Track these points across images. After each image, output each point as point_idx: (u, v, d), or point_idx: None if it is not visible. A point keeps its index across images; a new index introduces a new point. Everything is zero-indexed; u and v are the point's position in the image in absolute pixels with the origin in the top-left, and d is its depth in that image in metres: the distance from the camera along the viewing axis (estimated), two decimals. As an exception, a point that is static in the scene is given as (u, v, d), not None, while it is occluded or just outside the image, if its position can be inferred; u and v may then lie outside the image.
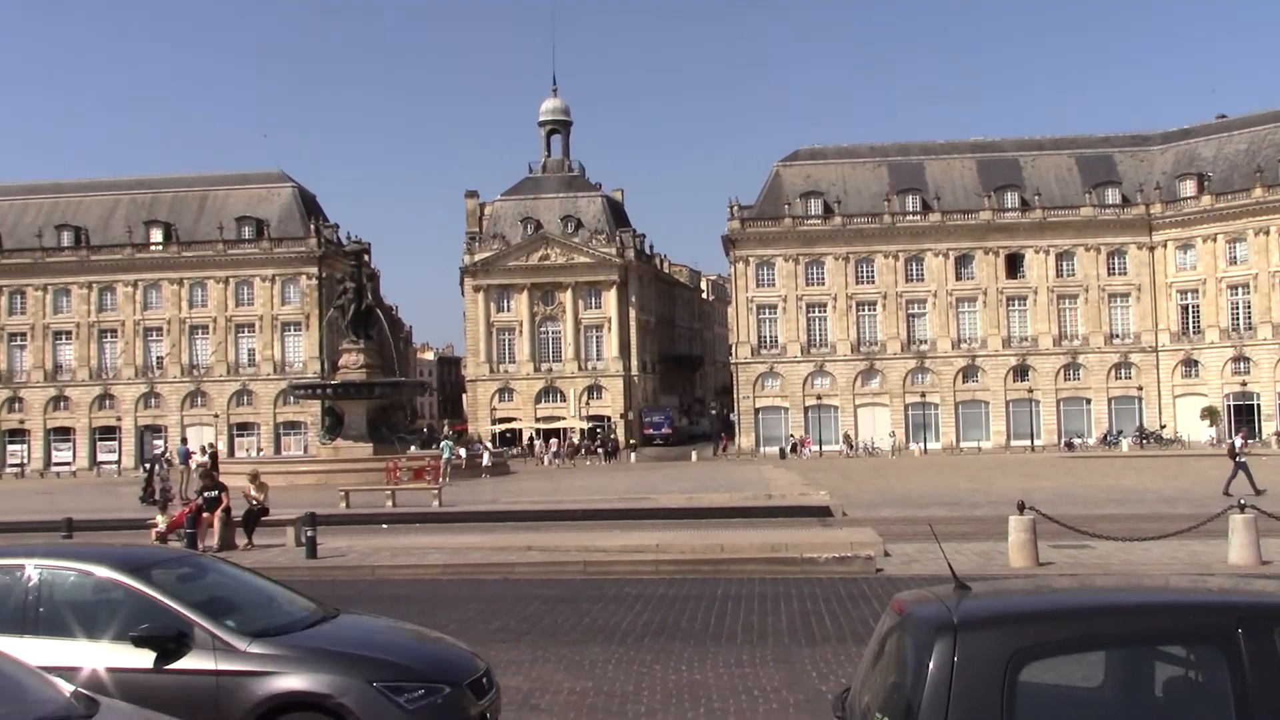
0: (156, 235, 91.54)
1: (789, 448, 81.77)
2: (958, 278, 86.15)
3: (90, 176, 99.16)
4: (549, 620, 14.91)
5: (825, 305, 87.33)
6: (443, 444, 59.36)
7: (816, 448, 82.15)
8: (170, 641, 7.41)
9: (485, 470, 54.04)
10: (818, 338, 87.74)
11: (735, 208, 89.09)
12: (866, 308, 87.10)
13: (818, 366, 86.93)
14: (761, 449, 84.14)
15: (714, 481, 46.63)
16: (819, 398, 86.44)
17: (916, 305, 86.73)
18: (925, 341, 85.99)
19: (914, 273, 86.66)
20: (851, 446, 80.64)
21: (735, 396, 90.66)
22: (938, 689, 4.49)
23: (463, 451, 57.91)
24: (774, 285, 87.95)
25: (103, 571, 8.02)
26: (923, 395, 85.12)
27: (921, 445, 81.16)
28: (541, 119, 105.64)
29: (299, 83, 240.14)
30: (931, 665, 4.54)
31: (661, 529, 25.03)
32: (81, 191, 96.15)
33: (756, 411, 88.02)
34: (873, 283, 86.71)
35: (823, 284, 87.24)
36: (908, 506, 31.97)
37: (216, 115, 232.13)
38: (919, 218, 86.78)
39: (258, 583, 9.14)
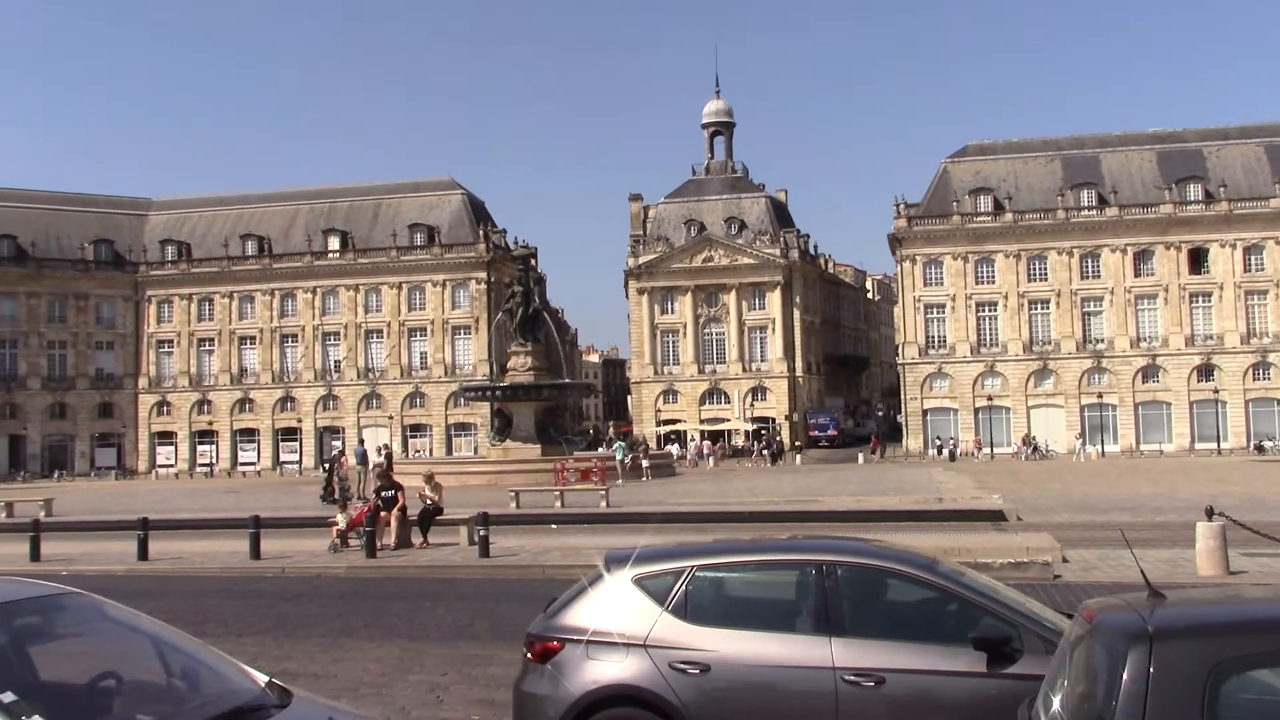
0: (334, 243, 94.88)
1: (958, 450, 79.94)
2: (1136, 274, 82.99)
3: (273, 188, 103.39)
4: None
5: (996, 304, 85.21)
6: (616, 445, 59.95)
7: (987, 450, 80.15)
8: (1004, 644, 6.93)
9: (646, 472, 54.28)
10: (988, 337, 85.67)
11: (901, 206, 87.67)
12: (1039, 306, 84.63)
13: (988, 367, 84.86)
14: (930, 451, 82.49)
15: (882, 484, 45.90)
16: (990, 399, 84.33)
17: (1092, 303, 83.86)
18: (1102, 340, 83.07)
19: (1090, 269, 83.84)
20: (1036, 450, 78.07)
21: (902, 398, 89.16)
22: (1132, 701, 4.32)
23: (643, 453, 58.47)
24: (942, 284, 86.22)
25: (910, 570, 7.57)
26: (1099, 396, 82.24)
27: (1099, 448, 78.35)
28: (704, 121, 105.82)
29: (468, 92, 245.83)
30: (1125, 676, 4.38)
31: (829, 531, 24.73)
32: (264, 202, 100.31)
33: (924, 413, 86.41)
34: (1045, 280, 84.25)
35: (993, 282, 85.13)
36: (1086, 511, 30.88)
37: (390, 126, 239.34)
38: (1095, 212, 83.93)
39: None
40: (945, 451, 79.53)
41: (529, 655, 7.62)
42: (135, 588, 18.57)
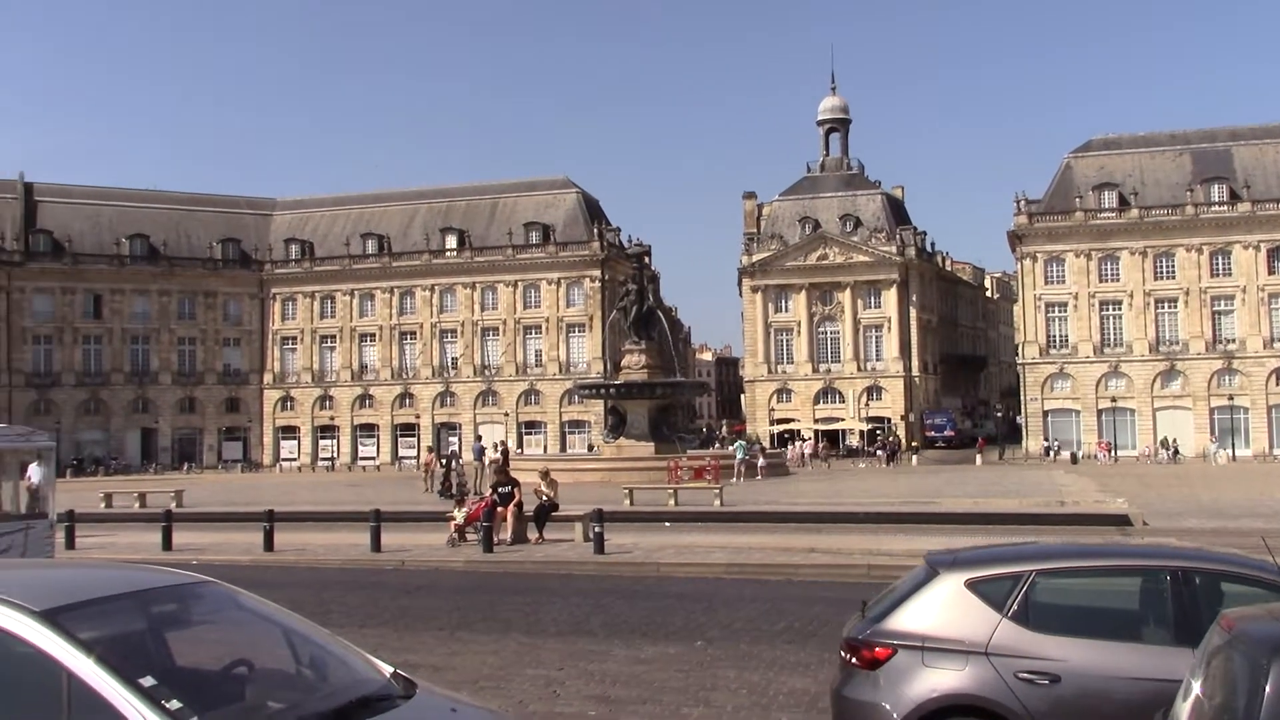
0: (451, 241, 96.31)
1: (1080, 452, 77.98)
2: (1270, 271, 79.99)
3: (392, 188, 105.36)
4: (834, 623, 14.63)
5: (1120, 302, 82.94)
6: (736, 444, 59.90)
7: (1111, 452, 78.06)
8: None
9: (761, 471, 54.00)
10: (1112, 337, 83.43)
11: (1022, 202, 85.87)
12: (1166, 305, 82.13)
13: (1112, 367, 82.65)
14: (1051, 453, 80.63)
15: (1001, 486, 45.03)
16: (1113, 400, 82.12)
17: (1223, 301, 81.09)
18: (1233, 340, 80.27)
19: (1220, 267, 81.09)
20: (1177, 452, 75.62)
21: (1022, 399, 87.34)
22: (1275, 715, 4.16)
23: (759, 452, 58.26)
24: (1064, 282, 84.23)
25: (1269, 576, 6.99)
26: (1230, 398, 79.47)
27: (1229, 451, 75.72)
28: (820, 118, 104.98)
29: (583, 91, 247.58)
30: (1268, 688, 4.20)
31: (947, 534, 24.38)
32: (384, 202, 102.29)
33: (1045, 414, 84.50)
34: (1173, 278, 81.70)
35: (1117, 280, 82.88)
36: (1217, 517, 29.84)
37: (506, 126, 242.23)
38: (1226, 208, 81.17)
39: None
40: (1067, 453, 77.68)
41: (852, 660, 7.32)
42: (261, 578, 19.06)
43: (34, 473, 18.49)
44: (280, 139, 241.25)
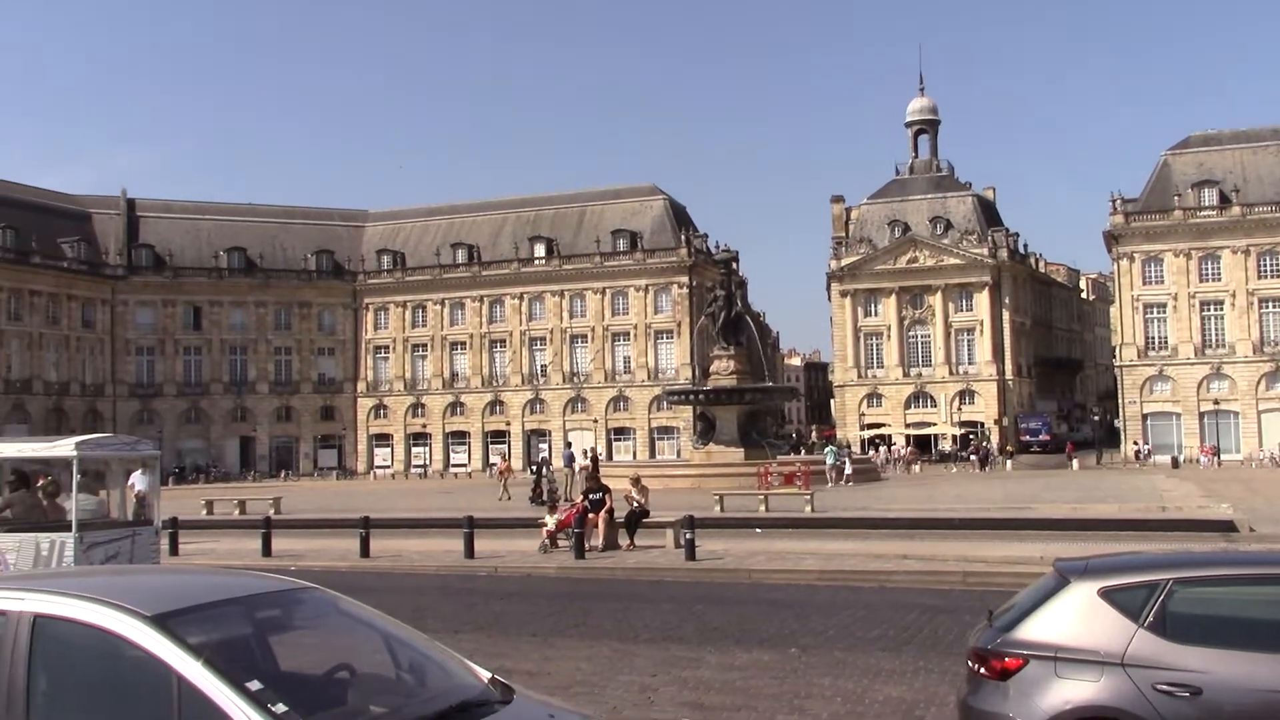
0: (540, 250, 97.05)
1: (1181, 456, 76.05)
2: (1379, 268, 77.51)
3: (481, 198, 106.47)
4: (929, 630, 14.55)
5: (1222, 302, 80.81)
6: (826, 450, 59.50)
7: (1215, 456, 76.00)
8: None
9: (847, 477, 53.51)
10: (1214, 338, 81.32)
11: (1118, 201, 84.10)
12: (1271, 304, 79.82)
13: (1214, 369, 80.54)
14: (1152, 457, 78.74)
15: (1099, 491, 44.09)
16: (1216, 403, 80.00)
17: (1332, 301, 78.74)
18: (1341, 340, 77.87)
19: (1328, 265, 78.79)
20: None
21: (1120, 402, 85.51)
22: None
23: (847, 459, 57.80)
24: (1162, 282, 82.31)
25: None
26: (1339, 400, 77.03)
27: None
28: (908, 120, 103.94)
29: (669, 98, 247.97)
30: None
31: (1044, 540, 23.94)
32: (473, 212, 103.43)
33: (1144, 417, 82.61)
34: (1278, 277, 79.42)
35: (1219, 279, 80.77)
36: (1327, 523, 28.90)
37: (593, 135, 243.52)
38: (1332, 204, 78.80)
39: None
40: (1164, 457, 75.83)
41: (981, 671, 7.18)
42: (358, 583, 19.36)
43: (140, 481, 18.99)
44: (372, 152, 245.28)
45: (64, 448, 15.35)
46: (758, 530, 29.35)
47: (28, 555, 14.84)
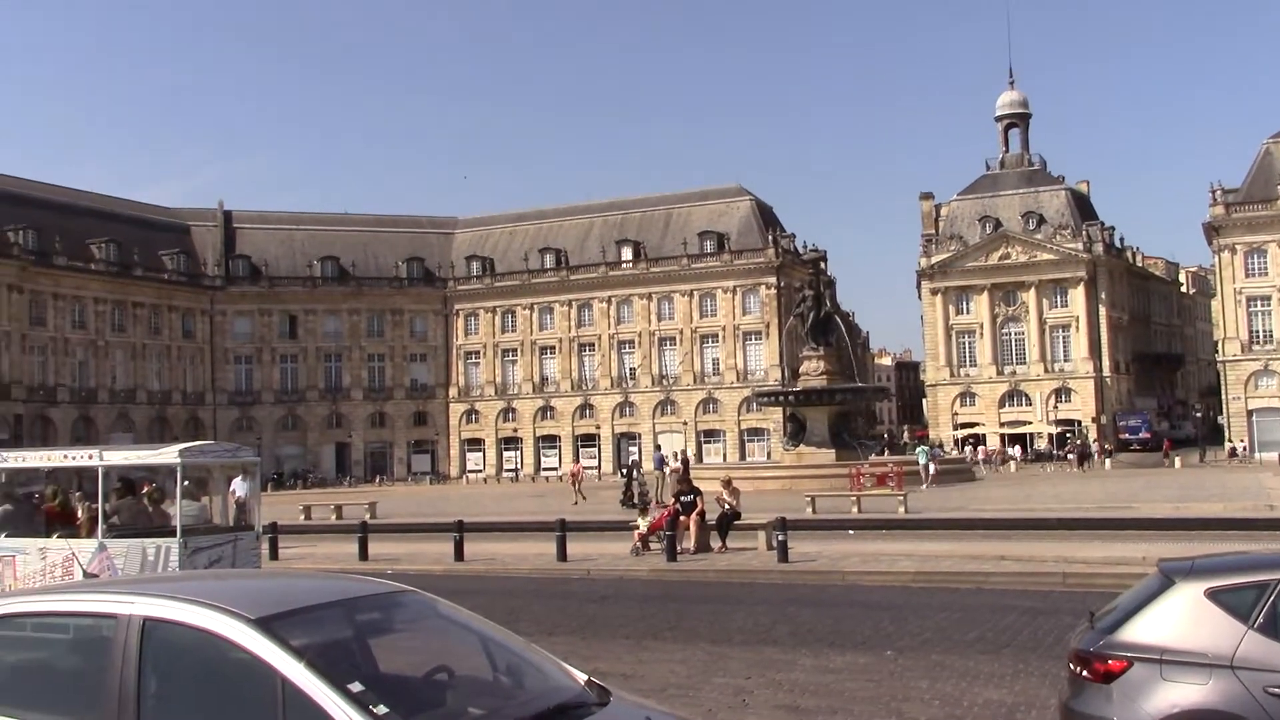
0: (627, 253, 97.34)
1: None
2: None
3: (568, 202, 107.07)
4: (1028, 632, 14.30)
5: (1329, 294, 78.43)
6: (918, 450, 58.84)
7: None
8: None
9: (933, 478, 52.65)
10: (1322, 330, 78.94)
11: (1218, 192, 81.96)
12: (1381, 295, 77.32)
13: (1325, 363, 78.15)
14: (1257, 455, 76.52)
15: (1202, 490, 42.98)
16: (1325, 398, 77.66)
17: None
18: None
19: None
20: None
21: (1223, 398, 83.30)
22: None
23: (931, 459, 56.98)
24: (1266, 274, 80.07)
25: None
26: None
27: None
28: (998, 114, 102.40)
29: (755, 97, 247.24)
30: None
31: (1146, 540, 23.40)
32: (561, 216, 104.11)
33: (1249, 414, 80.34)
34: (1388, 266, 76.96)
35: (1325, 270, 78.42)
36: None
37: (679, 137, 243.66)
38: None
39: None
40: (1275, 454, 73.56)
41: (1083, 673, 7.09)
42: (453, 586, 19.53)
43: (240, 487, 19.40)
44: (460, 158, 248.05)
45: (168, 455, 15.72)
46: (850, 532, 29.10)
47: (135, 560, 15.23)
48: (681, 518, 24.32)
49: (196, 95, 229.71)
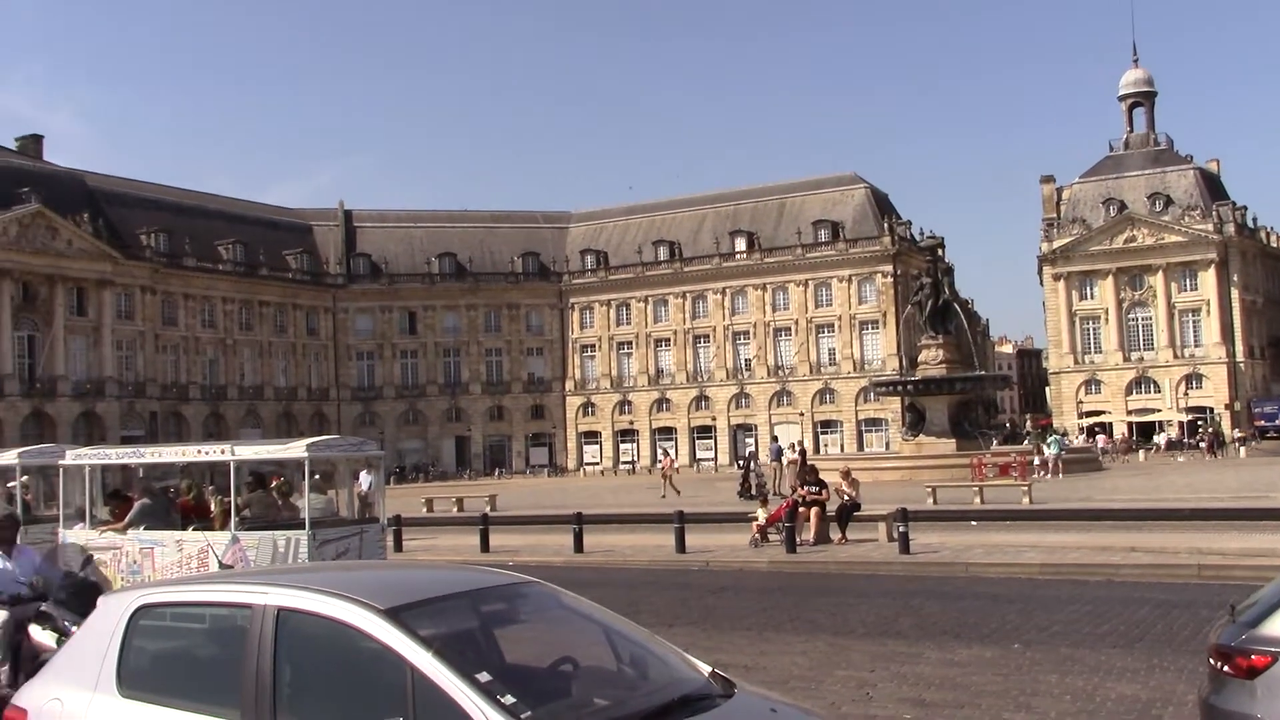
0: (741, 244, 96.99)
1: None
2: None
3: (681, 194, 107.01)
4: (1162, 626, 13.88)
5: None
6: (1051, 439, 57.91)
7: None
8: None
9: (1060, 468, 51.36)
10: None
11: (1358, 168, 78.57)
12: None
13: None
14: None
15: (1347, 478, 41.25)
16: None
17: None
18: None
19: None
20: None
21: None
22: None
23: (1066, 444, 55.90)
24: None
25: None
26: None
27: None
28: (1121, 93, 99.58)
29: (868, 81, 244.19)
30: None
31: (1286, 531, 22.53)
32: (674, 209, 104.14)
33: (1395, 399, 76.98)
34: None
35: None
36: None
37: (791, 125, 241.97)
38: None
39: None
40: None
41: (1224, 669, 6.87)
42: (573, 578, 19.68)
43: (366, 480, 19.82)
44: (573, 152, 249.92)
45: (296, 450, 16.11)
46: (973, 523, 28.54)
47: (266, 552, 15.65)
48: (801, 509, 24.16)
49: (315, 97, 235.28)
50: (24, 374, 76.46)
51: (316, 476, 16.98)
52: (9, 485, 20.81)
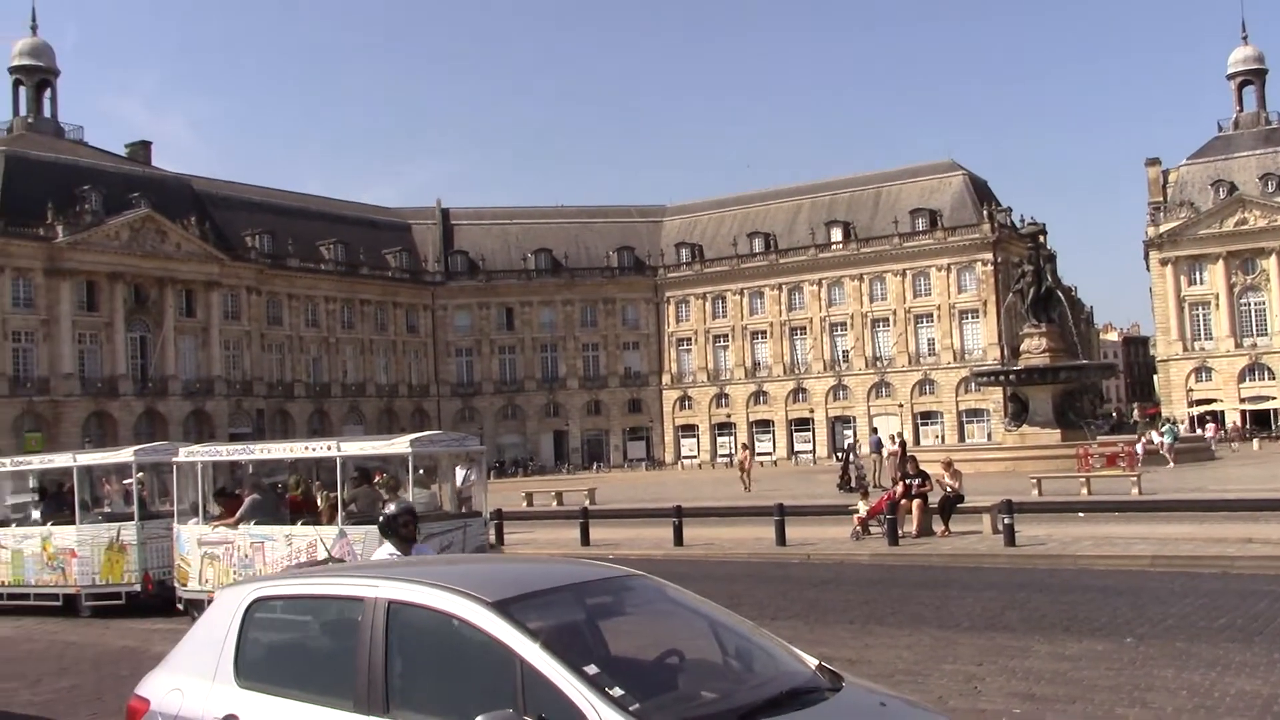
0: (836, 234, 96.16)
1: None
2: None
3: (775, 185, 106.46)
4: (1283, 620, 13.47)
5: None
6: (1164, 427, 56.77)
7: None
8: None
9: (1167, 451, 49.94)
10: None
11: None
12: None
13: None
14: None
15: None
16: None
17: None
18: None
19: None
20: None
21: None
22: None
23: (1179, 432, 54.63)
24: None
25: None
26: None
27: None
28: (1230, 71, 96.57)
29: (964, 65, 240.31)
30: None
31: None
32: (768, 200, 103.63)
33: None
34: None
35: None
36: None
37: (887, 113, 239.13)
38: None
39: None
40: None
41: None
42: (673, 571, 19.70)
43: (467, 474, 20.04)
44: (667, 146, 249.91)
45: (400, 445, 16.34)
46: (1080, 514, 27.99)
47: (372, 546, 15.87)
48: (904, 501, 23.90)
49: (410, 98, 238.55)
50: (136, 374, 78.75)
51: (420, 471, 17.21)
52: (125, 482, 21.46)
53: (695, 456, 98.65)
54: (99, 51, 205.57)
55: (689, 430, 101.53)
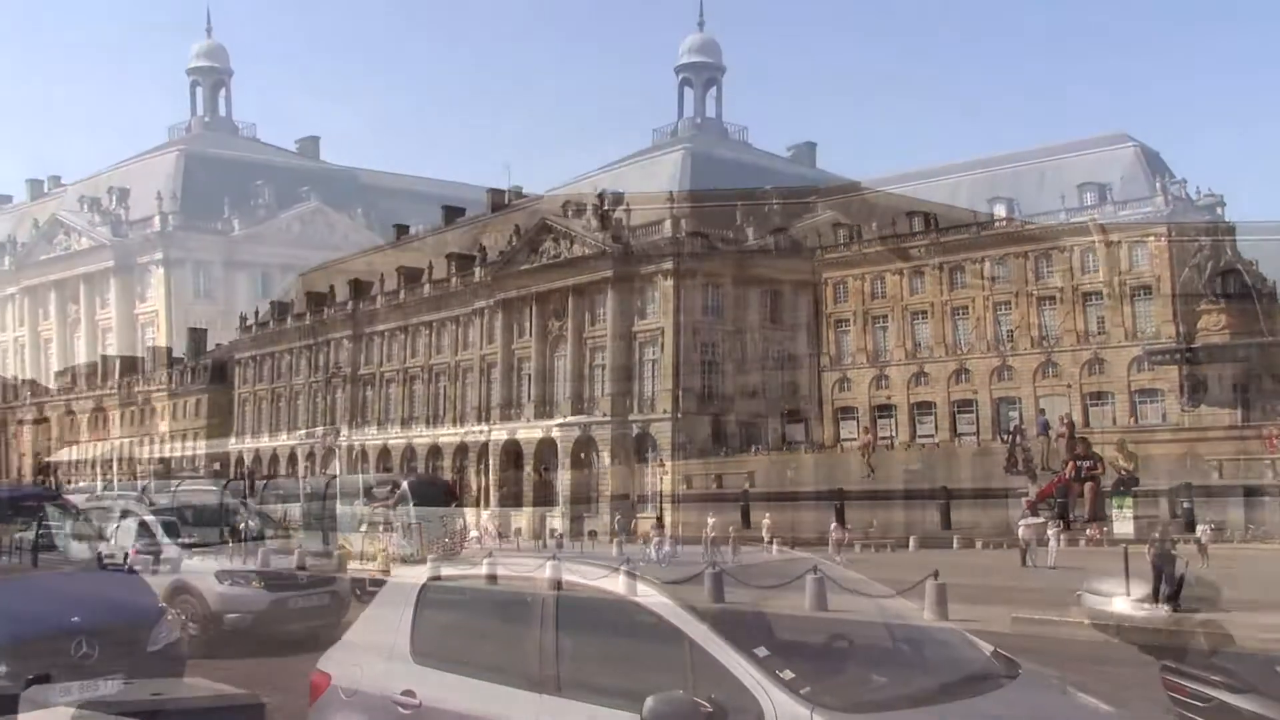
0: (999, 211, 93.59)
1: None
2: None
3: (935, 162, 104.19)
4: None
5: None
6: None
7: None
8: None
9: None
10: None
11: None
12: None
13: None
14: None
15: None
16: None
17: None
18: None
19: None
20: None
21: None
22: None
23: None
24: None
25: None
26: None
27: None
28: None
29: (1131, 32, 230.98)
30: None
31: None
32: (928, 177, 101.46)
33: None
34: None
35: None
36: None
37: (1055, 84, 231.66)
38: None
39: None
40: None
41: None
42: (824, 553, 19.55)
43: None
44: (819, 124, 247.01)
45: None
46: (1265, 498, 26.80)
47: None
48: (1074, 484, 23.24)
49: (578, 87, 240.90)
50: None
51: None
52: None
53: (855, 439, 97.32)
54: (271, 47, 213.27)
55: (848, 412, 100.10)
